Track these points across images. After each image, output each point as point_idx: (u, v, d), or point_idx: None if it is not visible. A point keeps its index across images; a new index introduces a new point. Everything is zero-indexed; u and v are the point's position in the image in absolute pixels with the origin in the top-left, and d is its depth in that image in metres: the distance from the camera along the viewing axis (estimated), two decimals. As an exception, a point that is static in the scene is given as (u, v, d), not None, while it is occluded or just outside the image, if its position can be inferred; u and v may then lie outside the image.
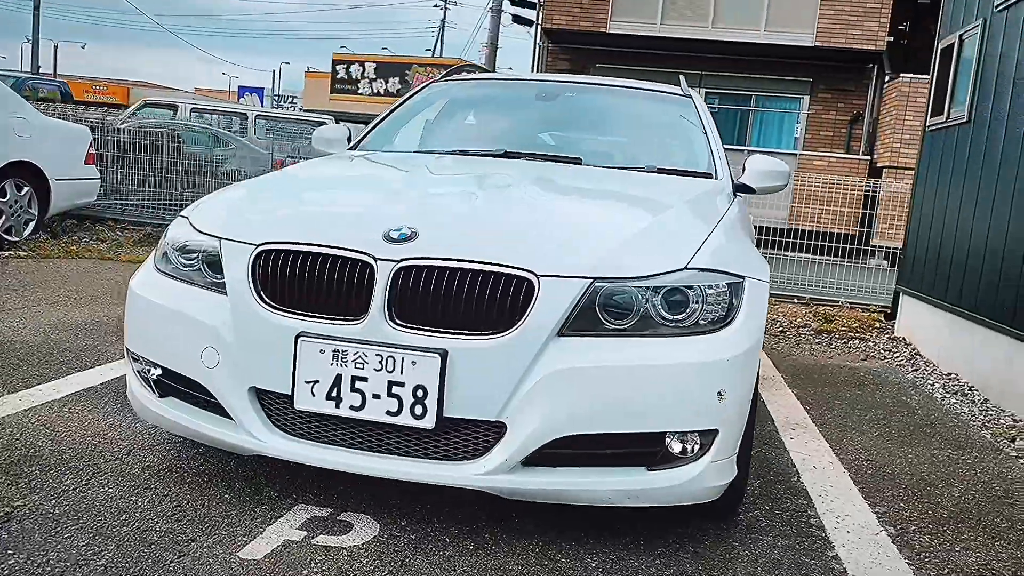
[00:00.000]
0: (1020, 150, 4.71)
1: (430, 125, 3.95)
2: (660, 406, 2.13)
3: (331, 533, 2.27)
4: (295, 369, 2.14)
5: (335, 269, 2.16)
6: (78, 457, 2.66)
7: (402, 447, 2.16)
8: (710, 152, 3.57)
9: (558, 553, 2.26)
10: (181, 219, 2.58)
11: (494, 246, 2.17)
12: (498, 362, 2.07)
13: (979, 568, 2.45)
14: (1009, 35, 5.12)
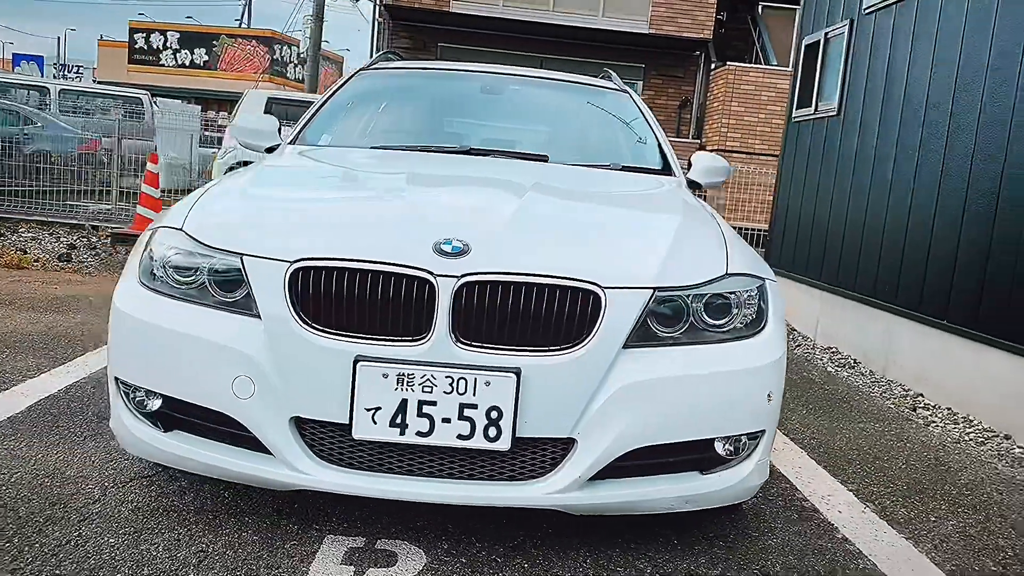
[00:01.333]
0: (889, 140, 5.18)
1: (376, 118, 3.76)
2: (719, 411, 2.17)
3: (380, 566, 2.14)
4: (353, 396, 1.98)
5: (390, 287, 2.02)
6: (50, 504, 2.34)
7: (466, 471, 2.07)
8: (660, 148, 3.64)
9: (609, 561, 2.26)
10: (168, 230, 2.30)
11: (553, 259, 2.10)
12: (572, 378, 2.02)
13: (959, 535, 2.71)
14: (876, 35, 5.59)
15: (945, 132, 4.61)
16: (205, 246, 2.19)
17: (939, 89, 4.72)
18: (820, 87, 6.39)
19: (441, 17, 15.88)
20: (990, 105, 4.24)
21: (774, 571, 2.30)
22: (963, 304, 4.29)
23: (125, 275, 2.35)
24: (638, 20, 15.89)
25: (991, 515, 2.91)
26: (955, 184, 4.46)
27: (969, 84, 4.44)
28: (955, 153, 4.50)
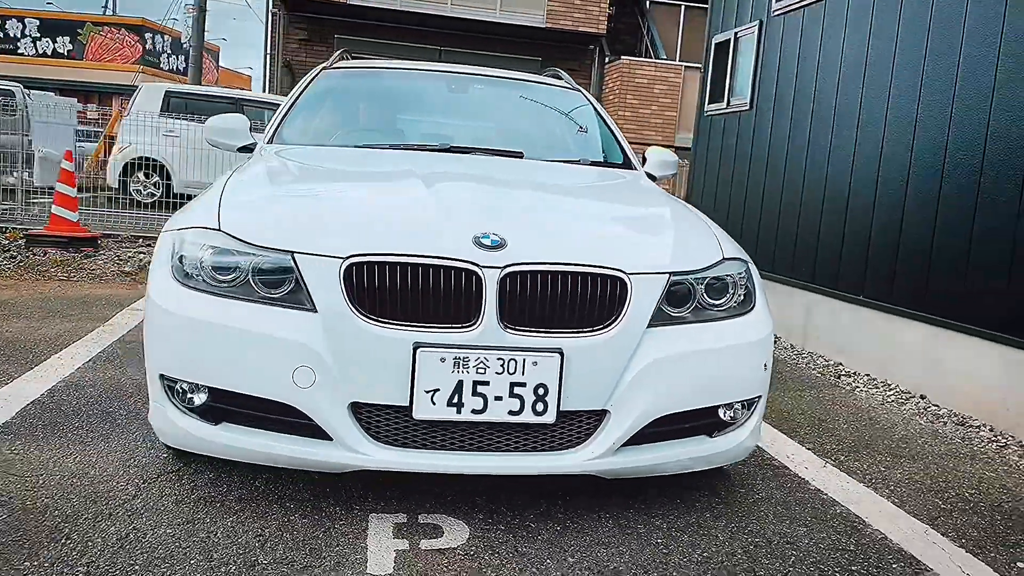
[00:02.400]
0: (801, 132, 5.66)
1: (350, 117, 3.86)
2: (725, 381, 2.45)
3: (429, 537, 2.31)
4: (414, 379, 2.15)
5: (440, 278, 2.19)
6: (91, 502, 2.39)
7: (512, 443, 2.27)
8: (619, 143, 3.92)
9: (628, 521, 2.51)
10: (203, 230, 2.38)
11: (581, 250, 2.33)
12: (606, 356, 2.25)
13: (907, 480, 3.10)
14: (785, 36, 6.06)
15: (855, 124, 5.09)
16: (250, 244, 2.29)
17: (848, 85, 5.20)
18: (732, 83, 6.84)
19: (339, 9, 15.75)
20: (896, 100, 4.73)
21: (768, 519, 2.61)
22: (877, 281, 4.77)
23: (156, 275, 2.41)
24: (535, 14, 16.23)
25: (928, 463, 3.34)
26: (867, 172, 4.94)
27: (878, 78, 4.92)
28: (866, 144, 4.98)
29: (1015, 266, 3.79)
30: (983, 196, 4.03)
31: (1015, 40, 3.90)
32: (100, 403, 3.29)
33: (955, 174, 4.23)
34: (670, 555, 2.31)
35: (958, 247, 4.15)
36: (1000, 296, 3.87)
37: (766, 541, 2.45)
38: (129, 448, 2.82)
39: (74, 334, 4.39)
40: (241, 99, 12.42)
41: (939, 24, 4.42)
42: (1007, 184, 3.88)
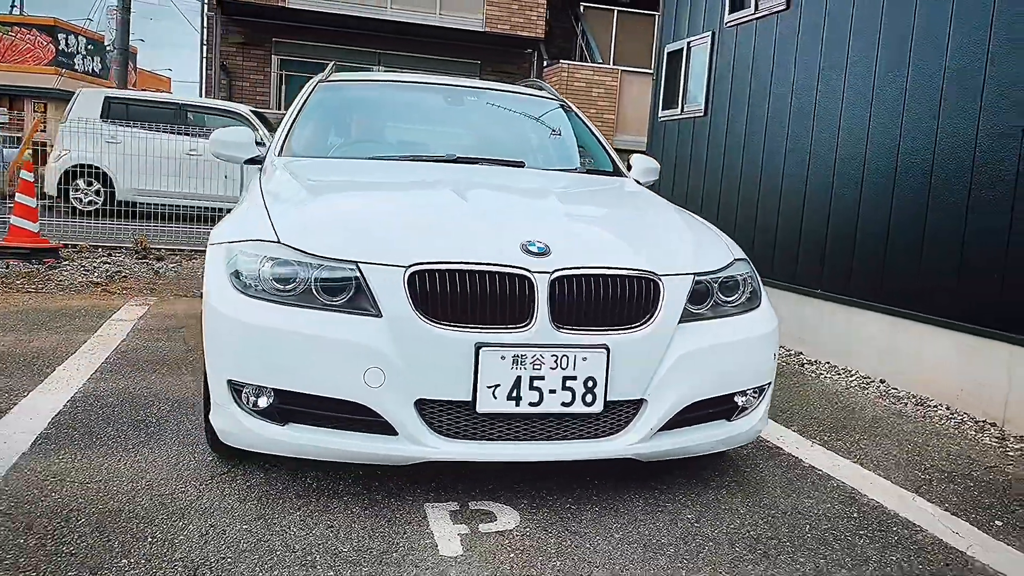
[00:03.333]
0: (756, 136, 6.03)
1: (357, 129, 4.01)
2: (742, 370, 2.72)
3: (485, 522, 2.51)
4: (476, 376, 2.34)
5: (496, 283, 2.40)
6: (159, 505, 2.50)
7: (562, 432, 2.49)
8: (607, 152, 4.17)
9: (656, 499, 2.76)
10: (260, 243, 2.53)
11: (618, 253, 2.57)
12: (645, 350, 2.50)
13: (887, 455, 3.44)
14: (739, 46, 6.43)
15: (810, 129, 5.47)
16: (313, 256, 2.45)
17: (802, 92, 5.59)
18: (685, 90, 7.19)
19: (277, 12, 15.66)
20: (849, 105, 5.12)
21: (776, 493, 2.90)
22: (834, 276, 5.15)
23: (214, 286, 2.55)
24: (474, 18, 16.44)
25: (900, 440, 3.69)
26: (823, 174, 5.33)
27: (831, 85, 5.31)
28: (820, 147, 5.36)
29: (965, 260, 4.19)
30: (934, 196, 4.43)
31: (958, 50, 4.30)
32: (125, 413, 3.37)
33: (907, 176, 4.62)
34: (702, 527, 2.57)
35: (912, 243, 4.54)
36: (952, 288, 4.27)
37: (780, 512, 2.73)
38: (172, 453, 2.93)
39: (67, 346, 4.41)
40: (186, 105, 12.26)
41: (889, 31, 4.82)
42: (956, 184, 4.28)
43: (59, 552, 2.17)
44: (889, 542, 2.56)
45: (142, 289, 6.43)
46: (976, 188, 4.16)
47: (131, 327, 5.02)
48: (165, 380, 3.89)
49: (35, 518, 2.36)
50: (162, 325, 5.15)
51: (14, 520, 2.34)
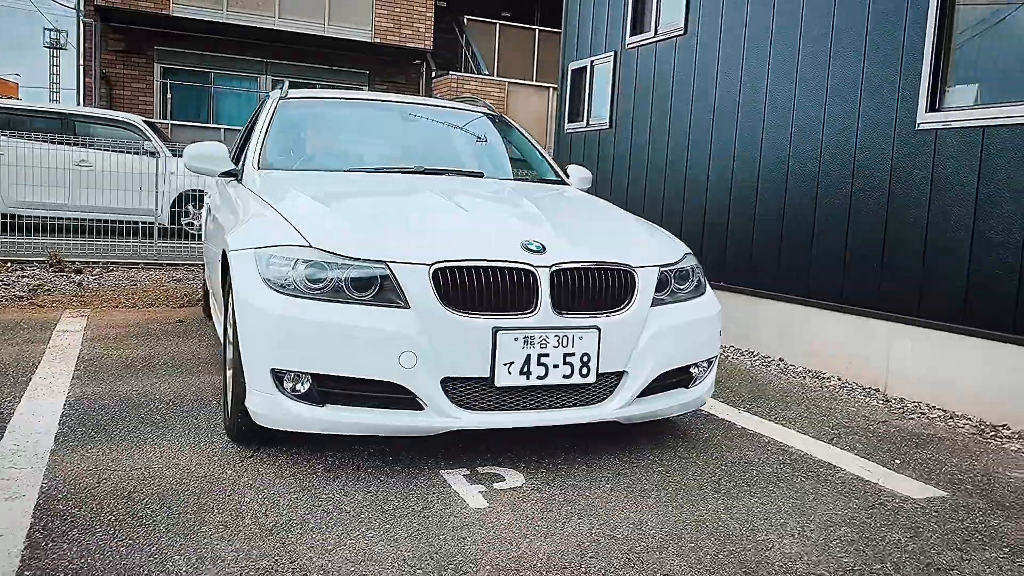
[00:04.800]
0: (660, 147, 6.70)
1: (327, 143, 4.33)
2: (696, 345, 3.27)
3: (497, 482, 2.94)
4: (494, 356, 2.78)
5: (506, 277, 2.84)
6: (209, 484, 2.79)
7: (562, 401, 2.95)
8: (549, 163, 4.68)
9: (629, 456, 3.26)
10: (291, 247, 2.86)
11: (600, 250, 3.06)
12: (626, 330, 3.00)
13: (800, 417, 4.09)
14: (640, 65, 7.10)
15: (710, 138, 6.17)
16: (344, 257, 2.82)
17: (701, 107, 6.28)
18: (590, 105, 7.81)
19: (160, 20, 15.35)
20: (742, 121, 5.84)
21: (723, 448, 3.46)
22: (738, 269, 5.85)
23: (248, 286, 2.87)
24: (362, 29, 16.66)
25: (807, 405, 4.36)
26: (723, 180, 6.03)
27: (728, 99, 6.03)
28: (720, 155, 6.07)
29: (850, 251, 4.95)
30: (821, 198, 5.17)
31: (839, 72, 5.07)
32: (126, 412, 3.58)
33: (797, 180, 5.36)
34: (672, 476, 3.09)
35: (803, 239, 5.28)
36: (839, 275, 5.02)
37: (730, 462, 3.30)
38: (192, 443, 3.20)
39: (28, 356, 4.50)
40: (73, 115, 11.92)
41: (778, 52, 5.56)
42: (840, 187, 5.04)
43: (143, 524, 2.44)
44: (820, 479, 3.17)
45: (71, 302, 6.42)
46: (857, 191, 4.92)
47: (81, 337, 5.10)
48: (146, 383, 4.08)
49: (103, 499, 2.61)
50: (110, 334, 5.26)
51: (86, 502, 2.58)
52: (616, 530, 2.57)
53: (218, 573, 2.17)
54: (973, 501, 3.01)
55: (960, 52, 4.41)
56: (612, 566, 2.32)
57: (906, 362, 4.61)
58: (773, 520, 2.72)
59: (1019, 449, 3.74)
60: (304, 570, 2.21)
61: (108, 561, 2.20)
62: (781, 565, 2.38)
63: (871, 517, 2.79)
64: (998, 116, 4.11)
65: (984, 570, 2.43)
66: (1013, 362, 4.05)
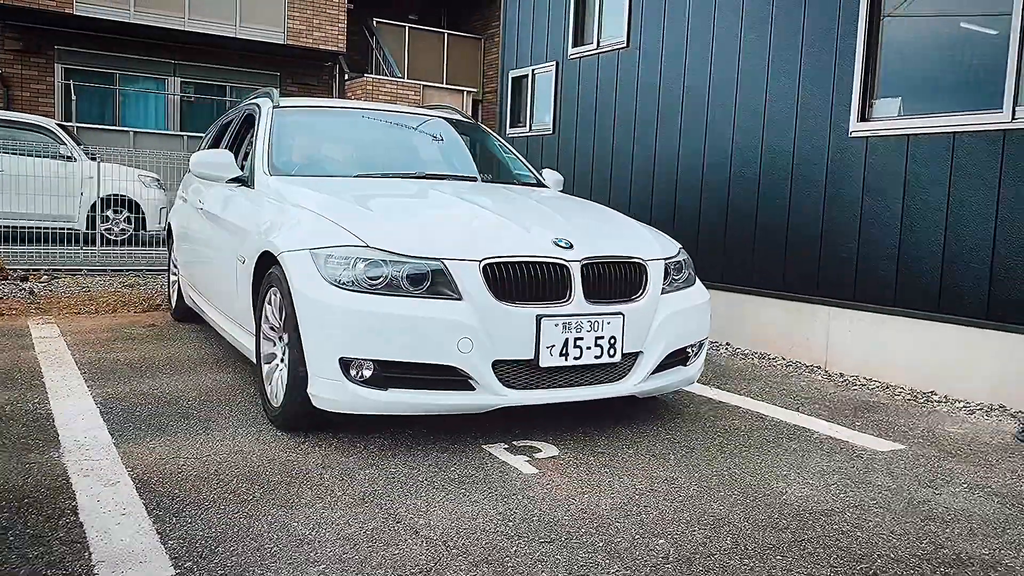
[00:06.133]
0: (605, 152, 7.20)
1: (330, 150, 4.58)
2: (693, 328, 3.73)
3: (535, 453, 3.31)
4: (538, 340, 3.15)
5: (544, 270, 3.22)
6: (283, 465, 3.05)
7: (591, 378, 3.35)
8: (527, 166, 5.08)
9: (636, 426, 3.70)
10: (348, 247, 3.15)
11: (616, 245, 3.48)
12: (643, 315, 3.43)
13: (763, 391, 4.63)
14: (583, 74, 7.58)
15: (654, 142, 6.70)
16: (400, 255, 3.13)
17: (645, 112, 6.81)
18: (532, 111, 8.25)
19: (63, 20, 14.83)
20: (686, 127, 6.40)
21: (709, 418, 3.95)
22: (684, 264, 6.39)
23: (310, 284, 3.14)
24: (275, 31, 16.56)
25: (764, 381, 4.92)
26: (668, 180, 6.57)
27: (671, 105, 6.57)
28: (664, 156, 6.61)
29: (789, 244, 5.56)
30: (763, 197, 5.77)
31: (777, 85, 5.67)
32: (161, 409, 3.75)
33: (739, 182, 5.95)
34: (680, 442, 3.54)
35: (746, 234, 5.87)
36: (780, 267, 5.62)
37: (722, 430, 3.78)
38: (242, 433, 3.43)
39: (23, 362, 4.56)
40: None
41: (719, 64, 6.14)
42: (780, 189, 5.65)
43: (244, 499, 2.69)
44: (801, 439, 3.69)
45: (27, 310, 6.36)
46: (795, 192, 5.53)
47: (63, 343, 5.15)
48: (159, 382, 4.24)
49: (195, 481, 2.84)
50: (91, 340, 5.31)
51: (180, 484, 2.81)
52: (654, 485, 3.00)
53: (338, 533, 2.46)
54: (927, 451, 3.59)
55: (885, 69, 5.07)
56: (665, 512, 2.74)
57: (844, 341, 5.24)
58: (777, 473, 3.21)
59: (948, 410, 4.39)
60: (413, 527, 2.53)
61: (235, 529, 2.46)
62: (800, 505, 2.86)
63: (853, 467, 3.32)
64: (920, 126, 4.78)
65: (952, 501, 2.98)
66: (935, 337, 4.72)
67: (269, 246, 3.46)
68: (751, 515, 2.75)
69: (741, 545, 2.50)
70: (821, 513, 2.79)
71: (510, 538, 2.48)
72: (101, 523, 2.46)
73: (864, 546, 2.54)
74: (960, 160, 4.59)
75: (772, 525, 2.67)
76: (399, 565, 2.27)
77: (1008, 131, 4.35)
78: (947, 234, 4.65)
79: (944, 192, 4.67)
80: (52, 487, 2.73)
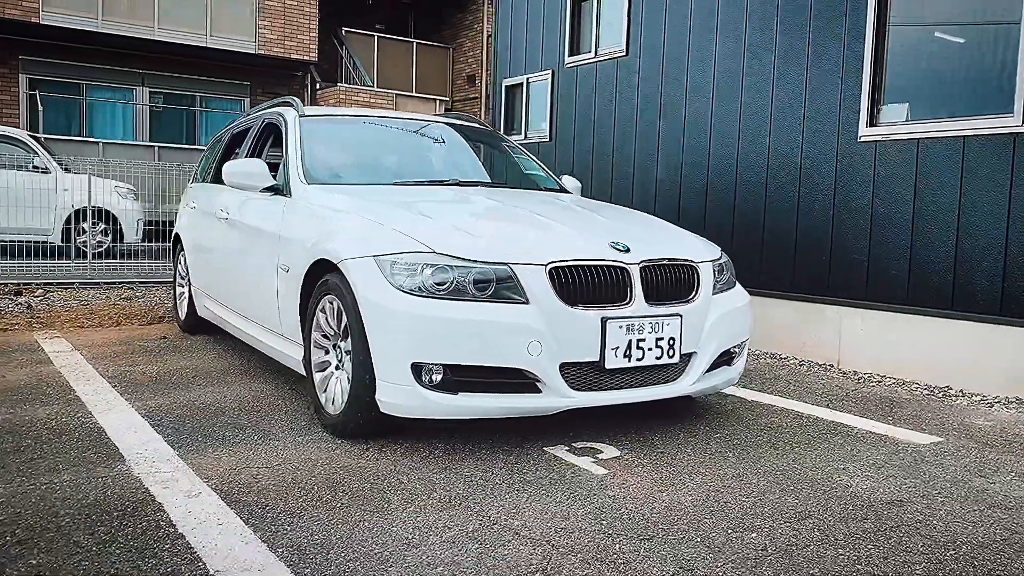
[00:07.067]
0: (605, 159, 7.30)
1: (361, 158, 4.58)
2: (740, 328, 3.82)
3: (597, 454, 3.36)
4: (603, 342, 3.21)
5: (605, 273, 3.28)
6: (355, 471, 3.06)
7: (650, 379, 3.41)
8: (546, 172, 5.14)
9: (682, 424, 3.77)
10: (415, 253, 3.17)
11: (671, 249, 3.56)
12: (698, 316, 3.50)
13: (790, 391, 4.74)
14: (580, 83, 7.68)
15: (656, 150, 6.82)
16: (467, 260, 3.16)
17: (646, 118, 6.92)
18: (527, 119, 8.32)
19: (27, 29, 14.51)
20: (689, 133, 6.53)
21: (751, 416, 4.04)
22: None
23: (372, 290, 3.16)
24: (246, 40, 16.41)
25: (787, 381, 5.03)
26: (672, 184, 6.69)
27: (674, 112, 6.69)
28: (667, 166, 6.72)
29: (799, 246, 5.70)
30: (770, 202, 5.91)
31: (784, 91, 5.82)
32: (208, 418, 3.72)
33: (745, 187, 6.08)
34: (731, 440, 3.62)
35: (754, 238, 6.00)
36: (788, 268, 5.76)
37: (766, 427, 3.87)
38: (303, 441, 3.42)
39: (50, 377, 4.48)
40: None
41: (721, 72, 6.27)
42: (787, 192, 5.79)
43: (336, 506, 2.69)
44: (844, 435, 3.80)
45: (31, 324, 6.23)
46: (804, 197, 5.68)
47: (80, 357, 5.06)
48: (198, 393, 4.20)
49: (277, 490, 2.83)
50: (108, 353, 5.23)
51: (264, 494, 2.79)
52: (725, 482, 3.07)
53: (441, 536, 2.48)
54: (965, 443, 3.72)
55: (893, 75, 5.24)
56: (746, 507, 2.81)
57: (856, 340, 5.39)
58: (836, 466, 3.30)
59: (969, 404, 4.55)
60: (511, 528, 2.56)
61: (338, 535, 2.46)
62: (868, 496, 2.96)
63: (903, 460, 3.43)
64: (930, 131, 4.95)
65: (1008, 490, 3.10)
66: (949, 334, 4.89)
67: (325, 254, 3.46)
68: (828, 507, 2.83)
69: (831, 536, 2.58)
70: (892, 503, 2.89)
71: (610, 536, 2.52)
72: (202, 534, 2.44)
73: (944, 533, 2.63)
74: (971, 163, 4.77)
75: (852, 516, 2.75)
76: (514, 565, 2.30)
77: (1019, 134, 4.53)
78: (959, 235, 4.82)
79: (955, 194, 4.84)
80: (135, 500, 2.70)
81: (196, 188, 6.09)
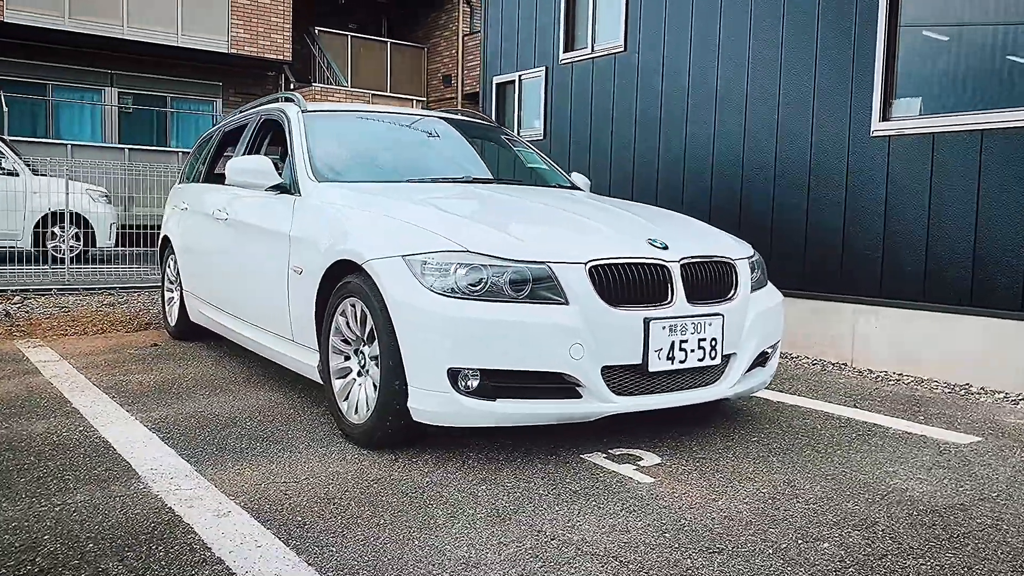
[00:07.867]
0: (603, 156, 7.17)
1: (372, 156, 4.38)
2: (775, 328, 3.69)
3: (637, 461, 3.21)
4: (646, 344, 3.05)
5: (645, 272, 3.13)
6: (390, 482, 2.87)
7: (692, 382, 3.26)
8: (556, 169, 4.99)
9: (725, 429, 3.64)
10: (446, 252, 2.99)
11: (708, 246, 3.42)
12: (738, 315, 3.37)
13: (812, 391, 4.64)
14: (576, 79, 7.54)
15: (657, 146, 6.70)
16: (503, 259, 2.99)
17: (646, 113, 6.80)
18: (520, 116, 8.16)
19: (-10, 27, 14.04)
20: (691, 128, 6.42)
21: (783, 417, 3.92)
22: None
23: (402, 291, 2.98)
24: (218, 40, 16.06)
25: (803, 380, 4.93)
26: (673, 177, 6.57)
27: (676, 107, 6.58)
28: (668, 156, 6.61)
29: (809, 243, 5.61)
30: (778, 194, 5.81)
31: (792, 85, 5.73)
32: (219, 430, 3.51)
33: (753, 179, 5.98)
34: (770, 444, 3.49)
35: (763, 229, 5.90)
36: (800, 264, 5.67)
37: (801, 429, 3.75)
38: (326, 452, 3.22)
39: (37, 387, 4.23)
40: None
41: (725, 66, 6.17)
42: (797, 185, 5.70)
43: (378, 524, 2.51)
44: (882, 436, 3.69)
45: (11, 332, 5.93)
46: (814, 193, 5.59)
47: (69, 367, 4.80)
48: (202, 404, 3.98)
49: (311, 506, 2.64)
50: (98, 362, 4.97)
51: (297, 510, 2.60)
52: (777, 488, 2.93)
53: (501, 554, 2.31)
54: (1006, 442, 3.64)
55: (906, 69, 5.17)
56: (808, 515, 2.67)
57: (870, 338, 5.31)
58: (886, 468, 3.19)
59: (993, 402, 4.48)
60: (571, 542, 2.39)
61: (388, 555, 2.28)
62: (929, 501, 2.84)
63: (949, 461, 3.33)
64: (945, 124, 4.88)
65: (1064, 489, 3.01)
66: (967, 330, 4.82)
67: (347, 255, 3.27)
68: (891, 513, 2.71)
69: (905, 545, 2.45)
70: (955, 508, 2.78)
71: (677, 550, 2.37)
72: (241, 557, 2.25)
73: (1019, 539, 2.52)
74: (988, 157, 4.70)
75: (919, 523, 2.63)
76: (586, 584, 2.14)
77: (1040, 128, 4.47)
78: (977, 230, 4.76)
79: (973, 189, 4.77)
80: (161, 521, 2.50)
81: (185, 188, 5.85)
